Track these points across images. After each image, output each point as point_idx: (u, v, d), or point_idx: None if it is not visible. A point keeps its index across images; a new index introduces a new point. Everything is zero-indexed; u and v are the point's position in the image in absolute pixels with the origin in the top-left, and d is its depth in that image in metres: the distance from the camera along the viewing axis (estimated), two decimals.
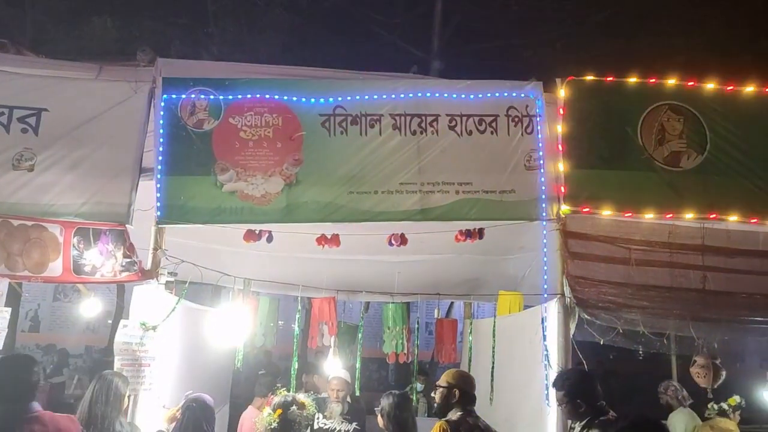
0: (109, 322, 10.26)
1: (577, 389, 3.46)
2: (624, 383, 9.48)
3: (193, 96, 4.31)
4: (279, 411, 3.39)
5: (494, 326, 4.87)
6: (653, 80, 4.59)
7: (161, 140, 4.23)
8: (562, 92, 4.44)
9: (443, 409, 3.69)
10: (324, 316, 5.87)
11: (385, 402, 3.86)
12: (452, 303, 8.99)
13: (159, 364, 4.07)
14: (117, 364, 3.93)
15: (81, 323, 11.53)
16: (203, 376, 5.02)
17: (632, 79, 4.57)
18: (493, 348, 4.74)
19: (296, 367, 5.00)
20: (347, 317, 7.13)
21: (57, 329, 12.66)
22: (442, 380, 3.76)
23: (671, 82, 4.58)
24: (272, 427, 3.27)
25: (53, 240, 4.02)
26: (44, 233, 4.02)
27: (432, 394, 3.88)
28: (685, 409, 4.95)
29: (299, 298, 5.32)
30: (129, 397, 3.82)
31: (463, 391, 3.69)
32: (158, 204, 4.17)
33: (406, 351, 6.18)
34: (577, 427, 3.47)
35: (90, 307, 6.37)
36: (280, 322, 6.81)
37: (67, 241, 4.03)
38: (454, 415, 3.62)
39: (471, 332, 5.41)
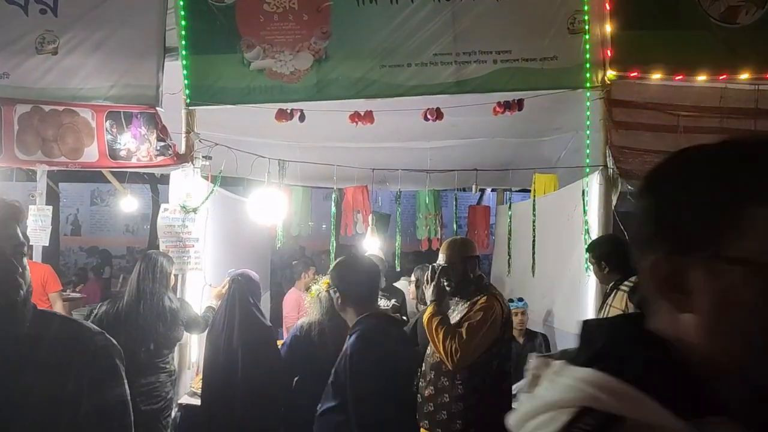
0: (146, 227, 10.58)
1: (601, 251, 3.45)
2: None
3: None
4: (326, 281, 3.48)
5: (534, 204, 4.81)
6: None
7: (182, 16, 4.04)
8: None
9: (464, 285, 3.03)
10: (357, 204, 5.89)
11: (421, 273, 3.88)
12: (483, 192, 8.96)
13: (202, 245, 4.15)
14: (162, 246, 4.03)
15: (120, 226, 11.94)
16: (243, 261, 5.14)
17: None
18: (534, 223, 4.71)
19: (335, 246, 5.05)
20: (378, 208, 7.14)
21: (98, 232, 13.15)
22: (453, 254, 3.04)
23: None
24: (321, 295, 3.37)
25: (86, 125, 3.99)
26: (76, 118, 3.98)
27: (444, 275, 3.02)
28: None
29: (334, 186, 5.29)
30: (175, 275, 3.93)
31: (478, 258, 3.12)
32: (186, 85, 4.07)
33: (439, 236, 6.25)
34: (607, 290, 3.49)
35: (128, 204, 6.54)
36: (310, 223, 6.89)
37: (100, 126, 4.00)
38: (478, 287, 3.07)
39: (510, 207, 5.36)
